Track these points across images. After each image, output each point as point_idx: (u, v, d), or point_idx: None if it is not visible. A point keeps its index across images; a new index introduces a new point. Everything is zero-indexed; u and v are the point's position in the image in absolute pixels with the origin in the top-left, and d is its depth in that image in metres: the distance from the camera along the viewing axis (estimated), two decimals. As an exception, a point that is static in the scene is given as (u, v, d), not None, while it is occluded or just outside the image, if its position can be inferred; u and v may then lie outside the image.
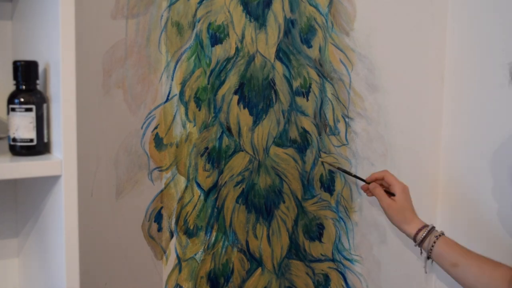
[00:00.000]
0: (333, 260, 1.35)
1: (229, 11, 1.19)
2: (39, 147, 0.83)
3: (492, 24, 1.36)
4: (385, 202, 1.17)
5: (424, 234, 1.14)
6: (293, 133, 1.28)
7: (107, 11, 1.07)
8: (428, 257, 1.15)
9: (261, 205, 1.26)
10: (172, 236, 1.17)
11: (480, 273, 1.10)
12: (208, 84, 1.18)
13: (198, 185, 1.19)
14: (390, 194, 1.19)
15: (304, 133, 1.29)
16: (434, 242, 1.13)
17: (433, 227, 1.15)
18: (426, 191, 1.49)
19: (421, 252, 1.16)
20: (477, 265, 1.11)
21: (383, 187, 1.21)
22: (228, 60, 1.20)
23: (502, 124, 1.34)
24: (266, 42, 1.23)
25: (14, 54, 1.00)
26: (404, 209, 1.16)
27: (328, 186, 1.34)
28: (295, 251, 1.30)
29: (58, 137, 0.81)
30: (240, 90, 1.22)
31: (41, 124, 0.83)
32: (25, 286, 1.02)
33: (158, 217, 1.15)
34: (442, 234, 1.15)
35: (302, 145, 1.30)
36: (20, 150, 0.82)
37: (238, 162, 1.23)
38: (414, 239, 1.16)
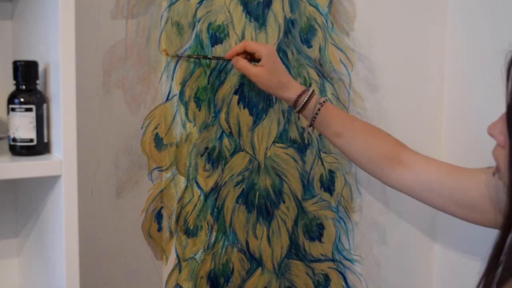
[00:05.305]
0: (333, 260, 1.35)
1: (229, 11, 1.19)
2: (39, 147, 0.83)
3: (492, 24, 1.36)
4: (252, 71, 1.04)
5: (305, 99, 1.04)
6: (293, 133, 1.28)
7: (107, 11, 1.07)
8: (310, 125, 1.06)
9: (261, 205, 1.26)
10: (172, 236, 1.17)
11: (364, 147, 1.03)
12: (208, 84, 1.18)
13: (198, 185, 1.19)
14: (257, 61, 1.06)
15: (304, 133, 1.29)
16: (319, 110, 1.03)
17: (313, 91, 1.06)
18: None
19: (299, 118, 1.06)
20: (362, 138, 1.03)
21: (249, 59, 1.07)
22: (228, 60, 1.20)
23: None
24: (266, 42, 1.23)
25: (14, 54, 1.00)
26: (277, 72, 1.04)
27: (328, 186, 1.34)
28: (295, 251, 1.30)
29: (58, 137, 0.81)
30: (240, 90, 1.22)
31: (41, 124, 0.83)
32: (25, 286, 1.02)
33: (158, 217, 1.15)
34: (326, 100, 1.06)
35: (302, 145, 1.30)
36: (20, 150, 0.82)
37: (238, 162, 1.23)
38: (295, 105, 1.05)
